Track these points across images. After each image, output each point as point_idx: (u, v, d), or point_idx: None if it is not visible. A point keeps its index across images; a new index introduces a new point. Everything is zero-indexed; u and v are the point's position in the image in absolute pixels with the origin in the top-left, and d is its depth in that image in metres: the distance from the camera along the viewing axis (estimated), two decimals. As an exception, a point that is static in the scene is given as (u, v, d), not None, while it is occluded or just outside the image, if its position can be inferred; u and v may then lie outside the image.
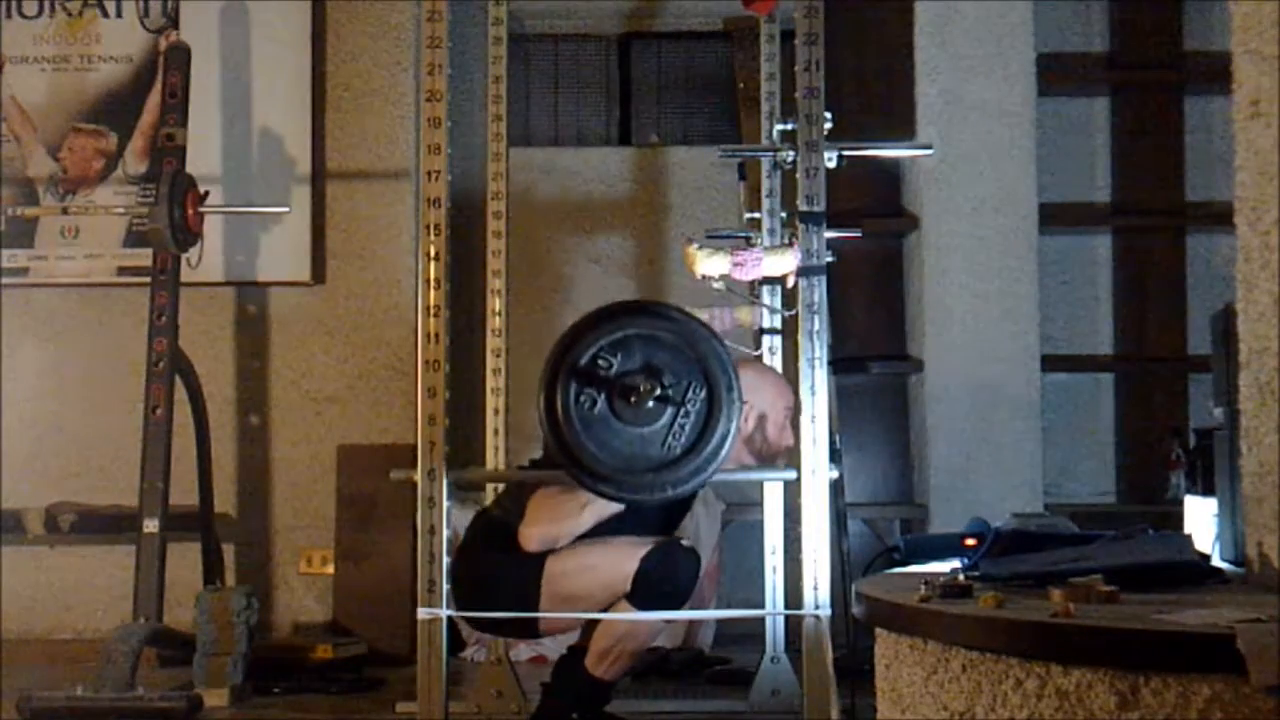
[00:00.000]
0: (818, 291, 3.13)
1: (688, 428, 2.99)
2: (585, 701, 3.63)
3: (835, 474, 3.13)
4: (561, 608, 3.51)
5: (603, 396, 2.97)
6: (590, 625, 3.62)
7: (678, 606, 3.55)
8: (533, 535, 3.49)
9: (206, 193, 4.83)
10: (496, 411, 4.29)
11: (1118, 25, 5.88)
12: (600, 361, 2.98)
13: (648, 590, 3.47)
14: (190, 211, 4.73)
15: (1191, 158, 5.83)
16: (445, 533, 3.10)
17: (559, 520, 3.48)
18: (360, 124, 5.52)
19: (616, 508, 3.43)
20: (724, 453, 3.00)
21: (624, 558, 3.50)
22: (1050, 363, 5.60)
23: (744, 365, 3.43)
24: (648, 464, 2.99)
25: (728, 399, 2.99)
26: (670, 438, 2.99)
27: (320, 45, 5.52)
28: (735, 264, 3.26)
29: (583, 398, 2.98)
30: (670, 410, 2.98)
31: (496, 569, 3.53)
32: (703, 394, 2.99)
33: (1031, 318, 5.45)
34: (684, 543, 3.60)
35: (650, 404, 2.96)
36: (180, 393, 4.76)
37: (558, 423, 2.98)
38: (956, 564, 2.89)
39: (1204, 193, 5.77)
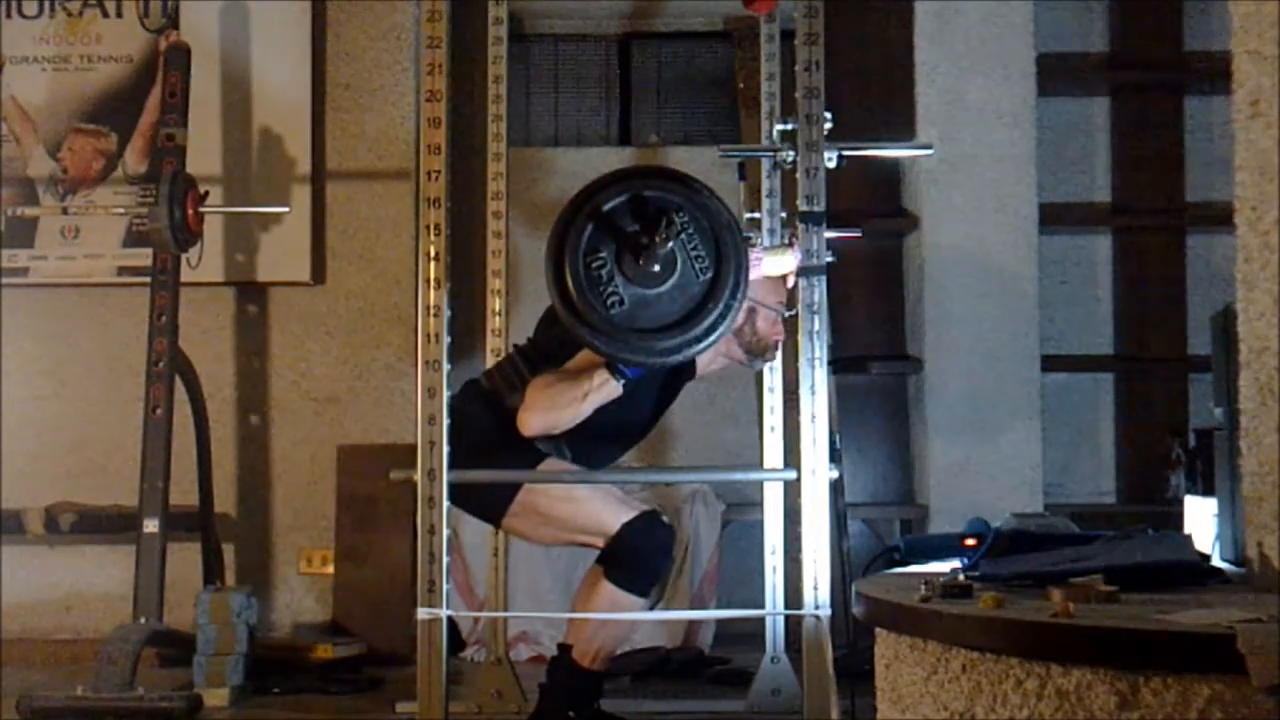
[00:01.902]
0: (818, 291, 3.13)
1: (701, 247, 3.02)
2: (578, 695, 3.64)
3: (835, 474, 3.14)
4: (528, 517, 3.55)
5: (616, 267, 3.04)
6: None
7: (650, 581, 3.60)
8: (531, 420, 3.45)
9: (206, 193, 4.83)
10: (496, 411, 4.29)
11: (1118, 25, 5.88)
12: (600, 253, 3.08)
13: (622, 558, 3.51)
14: (190, 211, 4.73)
15: (1191, 158, 5.83)
16: (445, 533, 3.10)
17: (559, 408, 3.43)
18: (360, 124, 5.52)
19: (615, 394, 3.42)
20: (745, 273, 3.03)
21: (609, 511, 3.53)
22: (1050, 363, 5.60)
23: None
24: (687, 309, 3.01)
25: (725, 224, 3.04)
26: (698, 271, 3.01)
27: (320, 45, 5.52)
28: (736, 263, 3.26)
29: (610, 294, 3.04)
30: (681, 253, 3.01)
31: (483, 435, 3.49)
32: (704, 222, 3.03)
33: (1031, 318, 5.44)
34: (664, 519, 3.64)
35: (663, 252, 2.98)
36: (180, 393, 4.77)
37: (586, 320, 3.06)
38: (956, 564, 2.89)
39: (1204, 193, 5.78)
